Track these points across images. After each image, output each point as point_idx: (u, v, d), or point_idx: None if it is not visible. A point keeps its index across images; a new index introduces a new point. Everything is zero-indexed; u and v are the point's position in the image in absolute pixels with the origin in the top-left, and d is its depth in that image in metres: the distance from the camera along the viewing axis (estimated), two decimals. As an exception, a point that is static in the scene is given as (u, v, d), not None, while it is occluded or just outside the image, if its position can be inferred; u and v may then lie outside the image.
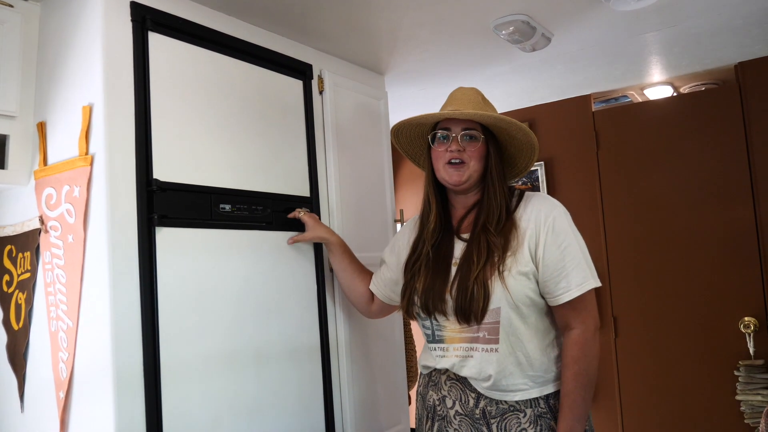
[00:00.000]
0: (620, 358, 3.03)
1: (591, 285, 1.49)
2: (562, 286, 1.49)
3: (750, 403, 2.66)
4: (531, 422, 1.49)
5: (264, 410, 1.72)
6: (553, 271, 1.49)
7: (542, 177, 3.24)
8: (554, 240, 1.50)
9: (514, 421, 1.50)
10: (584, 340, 1.49)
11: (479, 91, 1.67)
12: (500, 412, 1.51)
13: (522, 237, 1.52)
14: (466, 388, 1.55)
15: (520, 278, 1.49)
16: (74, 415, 1.47)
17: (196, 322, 1.57)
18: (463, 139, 1.59)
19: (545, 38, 2.22)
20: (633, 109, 3.11)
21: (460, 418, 1.56)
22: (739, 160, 2.76)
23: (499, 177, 1.59)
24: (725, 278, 2.77)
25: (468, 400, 1.55)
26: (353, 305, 1.97)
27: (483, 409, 1.52)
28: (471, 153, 1.58)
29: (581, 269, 1.49)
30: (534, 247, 1.51)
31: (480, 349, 1.52)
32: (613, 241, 3.06)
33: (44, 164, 1.60)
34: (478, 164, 1.59)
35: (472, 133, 1.58)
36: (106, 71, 1.46)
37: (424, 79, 2.67)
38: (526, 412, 1.50)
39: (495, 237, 1.52)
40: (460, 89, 1.67)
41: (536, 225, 1.52)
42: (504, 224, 1.54)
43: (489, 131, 1.61)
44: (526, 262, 1.50)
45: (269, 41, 1.94)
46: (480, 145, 1.59)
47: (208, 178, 1.66)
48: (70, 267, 1.49)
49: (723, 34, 2.42)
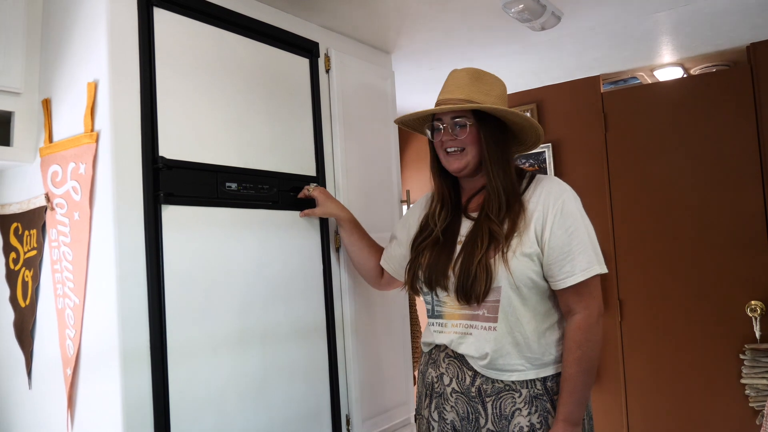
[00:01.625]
0: (625, 342, 3.03)
1: (595, 271, 1.48)
2: (566, 270, 1.48)
3: (755, 386, 2.66)
4: (526, 402, 1.50)
5: (269, 389, 1.73)
6: (559, 255, 1.48)
7: (549, 159, 3.22)
8: (562, 223, 1.49)
9: (509, 401, 1.51)
10: (587, 325, 1.49)
11: (473, 70, 1.62)
12: (495, 391, 1.52)
13: (529, 219, 1.51)
14: (463, 366, 1.57)
15: (523, 259, 1.48)
16: (81, 392, 1.48)
17: (202, 300, 1.57)
18: (454, 128, 1.58)
19: (555, 17, 2.19)
20: (642, 91, 3.08)
21: (456, 395, 1.57)
22: (749, 142, 2.73)
23: (496, 160, 1.56)
24: (732, 261, 2.76)
25: (465, 378, 1.56)
26: (363, 278, 1.99)
27: (479, 388, 1.54)
28: (464, 140, 1.58)
29: (587, 254, 1.48)
30: (540, 230, 1.50)
31: (479, 327, 1.53)
32: (620, 223, 3.05)
33: (49, 141, 1.60)
34: (473, 149, 1.58)
35: (460, 121, 1.58)
36: (111, 47, 1.45)
37: (432, 59, 2.65)
38: (521, 392, 1.50)
39: (497, 225, 1.52)
40: (452, 73, 1.64)
41: (544, 207, 1.51)
42: (511, 207, 1.53)
43: (484, 114, 1.58)
44: (531, 243, 1.49)
45: (276, 18, 1.92)
46: (470, 131, 1.57)
47: (214, 156, 1.65)
48: (76, 244, 1.49)
49: (735, 14, 2.38)
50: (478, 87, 1.58)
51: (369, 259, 1.90)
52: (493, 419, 1.51)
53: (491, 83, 1.61)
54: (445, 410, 1.60)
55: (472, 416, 1.54)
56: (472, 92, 1.57)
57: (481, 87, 1.59)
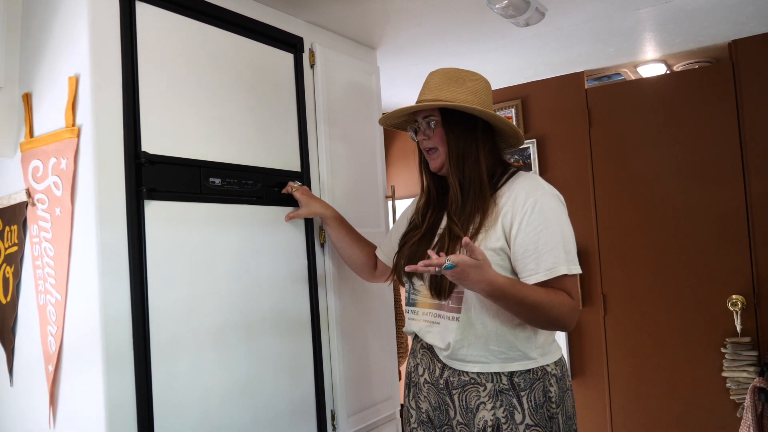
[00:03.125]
0: (609, 336, 3.06)
1: (561, 271, 1.45)
2: (530, 268, 1.47)
3: (736, 379, 2.69)
4: (490, 396, 1.50)
5: (254, 384, 1.72)
6: (524, 252, 1.47)
7: (534, 155, 3.23)
8: (530, 221, 1.48)
9: (473, 394, 1.52)
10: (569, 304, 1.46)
11: (450, 70, 1.63)
12: (461, 384, 1.54)
13: (498, 213, 1.52)
14: (434, 358, 1.60)
15: (488, 252, 1.48)
16: (63, 389, 1.47)
17: (185, 296, 1.56)
18: (426, 128, 1.63)
19: (539, 13, 2.19)
20: (626, 87, 3.10)
21: (428, 386, 1.61)
22: (731, 138, 2.77)
23: (458, 156, 1.57)
24: (714, 256, 2.79)
25: (435, 370, 1.60)
26: (356, 273, 1.99)
27: (447, 380, 1.56)
28: (434, 139, 1.62)
29: (554, 254, 1.46)
30: (509, 226, 1.50)
31: (445, 316, 1.57)
32: (604, 218, 3.07)
33: (30, 136, 1.58)
34: (442, 147, 1.61)
35: (429, 120, 1.62)
36: (92, 41, 1.43)
37: (417, 55, 2.65)
38: (486, 386, 1.51)
39: (456, 224, 1.54)
40: (430, 75, 1.66)
41: (514, 203, 1.51)
42: (479, 202, 1.54)
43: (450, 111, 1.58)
44: (498, 238, 1.50)
45: (260, 13, 1.91)
46: (437, 130, 1.61)
47: (198, 151, 1.64)
48: (58, 240, 1.48)
49: (717, 11, 2.40)
50: (449, 86, 1.59)
51: (360, 253, 1.91)
52: (461, 411, 1.54)
53: (466, 80, 1.61)
54: (419, 399, 1.64)
55: (443, 407, 1.58)
56: (441, 92, 1.59)
57: (451, 86, 1.59)
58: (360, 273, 1.98)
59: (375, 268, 1.93)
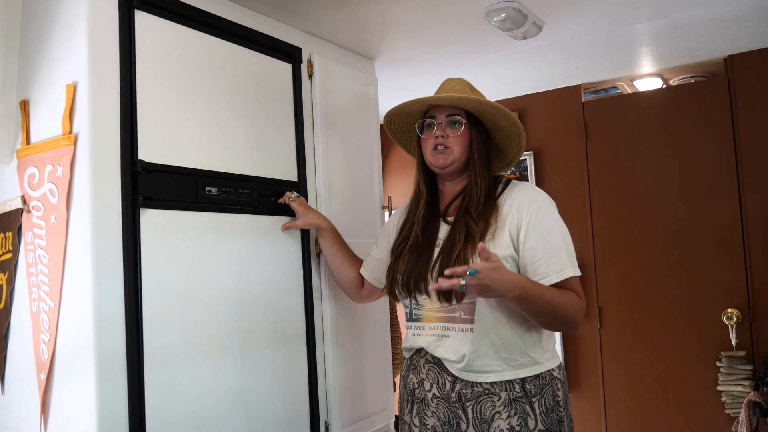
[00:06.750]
0: (604, 348, 3.05)
1: (568, 274, 1.51)
2: (541, 272, 1.50)
3: (731, 393, 2.69)
4: (505, 405, 1.51)
5: (248, 394, 1.71)
6: (533, 256, 1.51)
7: (531, 167, 3.24)
8: (536, 226, 1.52)
9: (488, 404, 1.52)
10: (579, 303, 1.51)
11: (466, 80, 1.71)
12: (475, 395, 1.53)
13: (503, 221, 1.54)
14: (443, 371, 1.58)
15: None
16: (55, 397, 1.46)
17: (180, 305, 1.56)
18: (447, 126, 1.63)
19: (536, 26, 2.21)
20: (622, 101, 3.12)
21: (437, 401, 1.58)
22: (726, 153, 2.78)
23: (482, 163, 1.62)
24: (709, 270, 2.79)
25: (444, 384, 1.57)
26: (343, 290, 1.97)
27: (459, 393, 1.55)
28: (455, 139, 1.62)
29: (560, 258, 1.51)
30: (516, 232, 1.53)
31: (456, 329, 1.55)
32: (600, 231, 3.08)
33: (27, 143, 1.58)
34: (462, 149, 1.62)
35: (455, 119, 1.63)
36: (91, 49, 1.44)
37: (415, 66, 2.66)
38: (500, 395, 1.51)
39: (474, 221, 1.55)
40: (448, 80, 1.71)
41: (519, 210, 1.54)
42: (485, 208, 1.57)
43: (475, 119, 1.64)
44: (506, 245, 1.52)
45: (258, 23, 1.92)
46: (463, 131, 1.62)
47: (195, 160, 1.64)
48: (52, 248, 1.47)
49: (713, 27, 2.42)
50: (473, 92, 1.66)
51: (349, 271, 1.89)
52: (474, 423, 1.52)
53: (482, 96, 1.67)
54: (426, 416, 1.60)
55: (453, 421, 1.55)
56: (467, 95, 1.62)
57: (474, 93, 1.66)
58: (347, 291, 1.95)
59: (362, 287, 1.90)
